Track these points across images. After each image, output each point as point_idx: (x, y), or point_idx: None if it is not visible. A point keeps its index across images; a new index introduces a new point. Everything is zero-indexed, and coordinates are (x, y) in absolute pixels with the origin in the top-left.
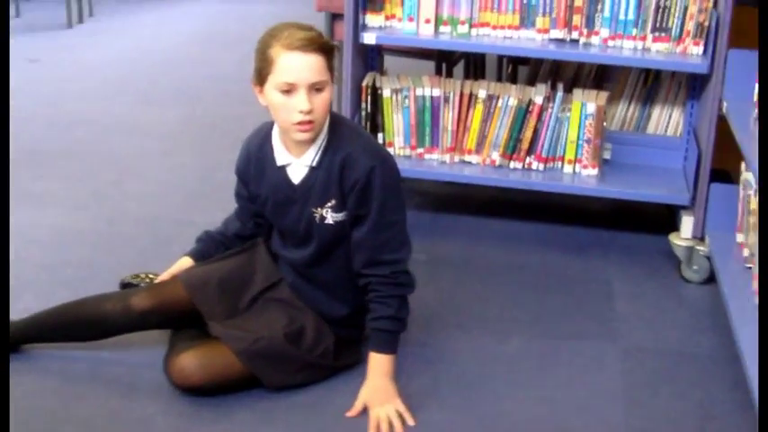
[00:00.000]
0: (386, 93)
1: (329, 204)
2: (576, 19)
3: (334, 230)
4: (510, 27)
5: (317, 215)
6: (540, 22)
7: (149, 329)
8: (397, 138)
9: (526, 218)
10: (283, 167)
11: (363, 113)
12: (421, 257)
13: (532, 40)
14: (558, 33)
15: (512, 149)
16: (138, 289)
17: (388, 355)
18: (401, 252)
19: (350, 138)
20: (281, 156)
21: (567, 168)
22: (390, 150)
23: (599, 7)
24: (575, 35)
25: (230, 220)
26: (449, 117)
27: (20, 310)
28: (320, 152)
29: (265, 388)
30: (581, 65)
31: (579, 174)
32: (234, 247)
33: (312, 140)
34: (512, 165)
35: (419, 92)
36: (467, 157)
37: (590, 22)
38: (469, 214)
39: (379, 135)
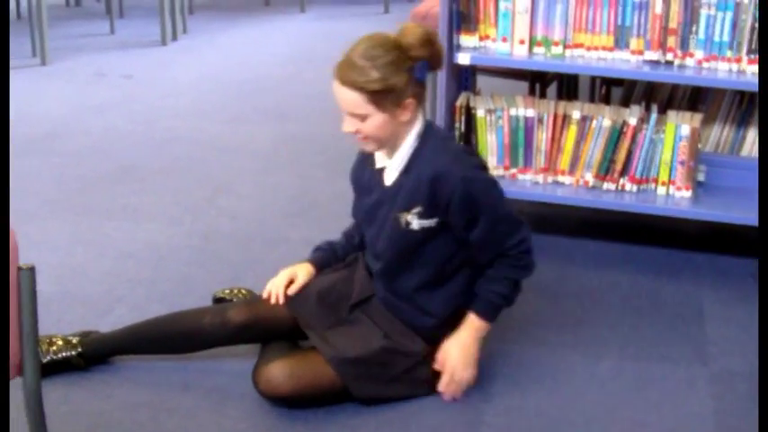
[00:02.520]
0: (480, 113)
1: (415, 210)
2: (671, 40)
3: (419, 236)
4: (604, 48)
5: (403, 220)
6: (635, 43)
7: (244, 343)
8: (490, 158)
9: (619, 239)
10: (381, 170)
11: (457, 133)
12: None
13: (627, 62)
14: (652, 55)
15: (605, 170)
16: (236, 303)
17: (486, 322)
18: (520, 233)
19: (439, 150)
20: (380, 158)
21: (661, 190)
22: None
23: (694, 29)
24: (669, 57)
25: (351, 233)
26: (542, 137)
27: (111, 322)
28: (407, 158)
29: (356, 403)
30: (675, 86)
31: (673, 195)
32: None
33: (388, 149)
34: (605, 186)
35: (513, 112)
36: (560, 178)
37: (684, 44)
38: (562, 235)
39: None
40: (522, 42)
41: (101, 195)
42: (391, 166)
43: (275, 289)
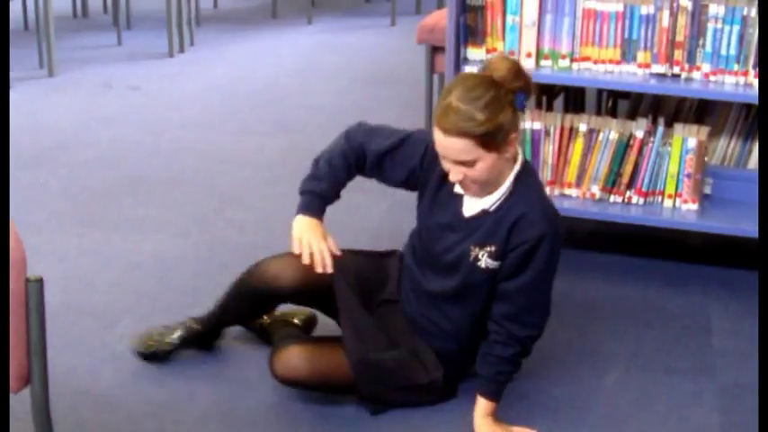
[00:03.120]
0: None
1: (488, 249)
2: (678, 54)
3: (483, 274)
4: (611, 61)
5: (473, 254)
6: (642, 56)
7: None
8: None
9: (625, 251)
10: (460, 196)
11: None
12: None
13: (634, 75)
14: (659, 68)
15: (612, 183)
16: (286, 267)
17: (495, 402)
18: (542, 319)
19: (532, 196)
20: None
21: (668, 203)
22: None
23: (700, 42)
24: (676, 70)
25: (337, 171)
26: (549, 150)
27: (119, 334)
28: (500, 200)
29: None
30: (682, 99)
31: (679, 208)
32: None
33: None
34: (612, 198)
35: (520, 125)
36: (567, 191)
37: (691, 57)
38: (569, 247)
39: None
40: (529, 55)
41: (108, 207)
42: (478, 203)
43: (320, 255)
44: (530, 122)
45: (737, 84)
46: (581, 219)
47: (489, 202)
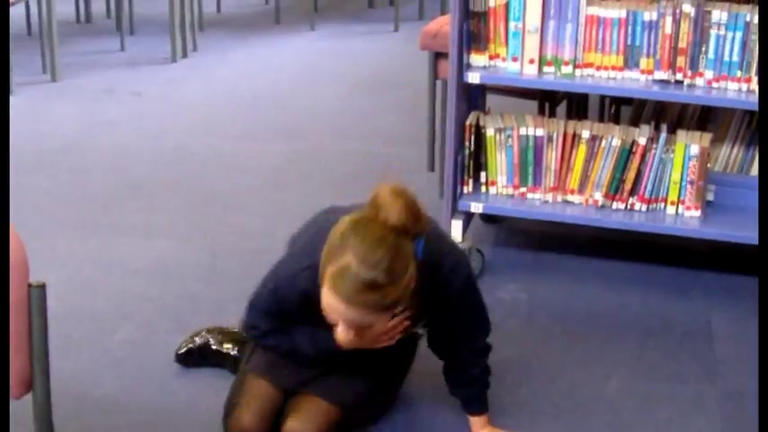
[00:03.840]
0: (489, 132)
1: (423, 322)
2: (681, 60)
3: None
4: (614, 68)
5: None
6: (644, 63)
7: None
8: (499, 177)
9: (628, 258)
10: None
11: (467, 152)
12: (522, 296)
13: (636, 81)
14: (662, 75)
15: (615, 190)
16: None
17: (486, 411)
18: (487, 319)
19: (438, 250)
20: None
21: (670, 209)
22: (492, 189)
23: (703, 49)
24: (679, 76)
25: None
26: (552, 157)
27: (121, 340)
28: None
29: None
30: (685, 106)
31: (682, 215)
32: None
33: None
34: (614, 205)
35: (522, 131)
36: (569, 197)
37: (694, 64)
38: (571, 254)
39: (482, 174)
40: (532, 62)
41: (110, 212)
42: None
43: None
44: (532, 129)
45: (740, 90)
46: (583, 226)
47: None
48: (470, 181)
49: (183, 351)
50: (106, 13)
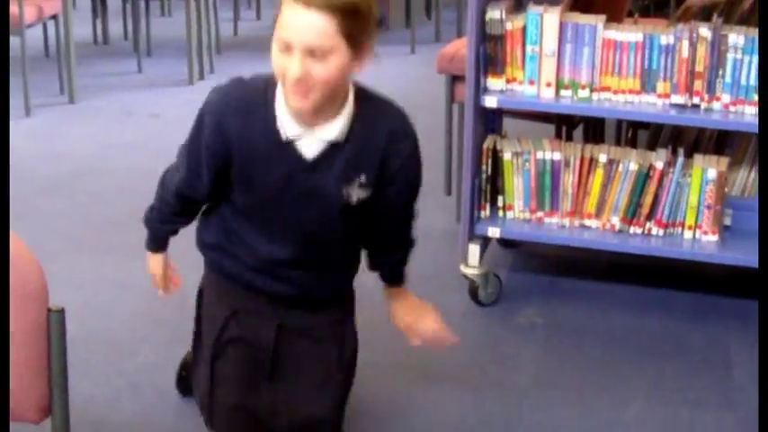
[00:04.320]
0: (506, 156)
1: (358, 181)
2: (698, 84)
3: (353, 211)
4: (631, 92)
5: (340, 194)
6: (661, 86)
7: None
8: (517, 201)
9: (645, 282)
10: (291, 142)
11: (484, 176)
12: (539, 321)
13: (653, 105)
14: (678, 98)
15: (632, 214)
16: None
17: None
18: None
19: (387, 109)
20: (290, 127)
21: (687, 234)
22: (510, 214)
23: (720, 73)
24: (696, 100)
25: (172, 214)
26: (569, 181)
27: (138, 363)
28: (347, 127)
29: None
30: (702, 130)
31: (699, 239)
32: None
33: (314, 110)
34: (631, 229)
35: (540, 155)
36: (586, 222)
37: (711, 88)
38: (588, 278)
39: (499, 198)
40: (548, 85)
41: (127, 234)
42: (314, 136)
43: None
44: (549, 153)
45: (757, 114)
46: (601, 250)
47: (333, 132)
48: (487, 205)
49: (176, 381)
50: (124, 34)
